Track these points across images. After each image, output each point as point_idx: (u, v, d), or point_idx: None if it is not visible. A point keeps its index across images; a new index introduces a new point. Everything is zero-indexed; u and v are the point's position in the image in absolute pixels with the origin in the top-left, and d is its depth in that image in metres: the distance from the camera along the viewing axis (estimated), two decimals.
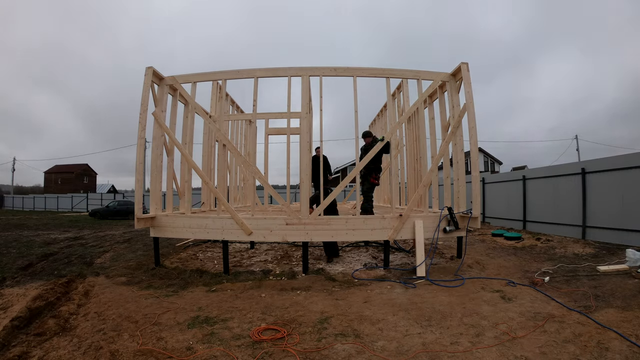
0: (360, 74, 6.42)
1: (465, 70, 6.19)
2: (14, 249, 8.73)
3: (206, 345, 3.21)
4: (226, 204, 6.27)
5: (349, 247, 8.49)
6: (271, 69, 6.49)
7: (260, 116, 7.05)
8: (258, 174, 6.85)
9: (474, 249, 8.13)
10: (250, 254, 7.91)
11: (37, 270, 6.40)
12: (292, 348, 3.12)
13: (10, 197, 43.43)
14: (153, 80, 6.45)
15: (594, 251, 7.20)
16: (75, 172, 57.69)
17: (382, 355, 2.99)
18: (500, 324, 3.58)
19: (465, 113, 6.23)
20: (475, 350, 3.03)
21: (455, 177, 6.55)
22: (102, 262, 7.16)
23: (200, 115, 7.23)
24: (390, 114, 7.32)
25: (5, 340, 3.31)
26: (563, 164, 10.64)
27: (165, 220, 6.47)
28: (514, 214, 11.84)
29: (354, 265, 6.59)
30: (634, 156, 7.65)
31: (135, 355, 3.04)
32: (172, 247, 8.75)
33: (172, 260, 7.20)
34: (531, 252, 7.65)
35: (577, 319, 3.65)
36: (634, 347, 2.95)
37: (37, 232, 13.13)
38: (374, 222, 6.18)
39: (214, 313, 4.05)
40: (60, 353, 3.08)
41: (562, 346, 3.05)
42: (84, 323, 3.79)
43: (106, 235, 12.03)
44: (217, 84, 7.76)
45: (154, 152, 6.57)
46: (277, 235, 6.11)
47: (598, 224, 8.38)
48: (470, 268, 6.13)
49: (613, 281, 4.93)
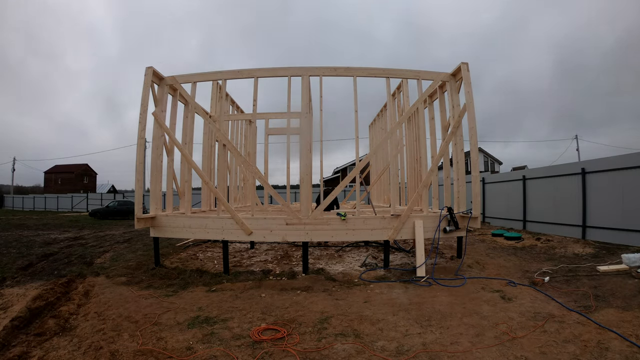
0: (360, 74, 6.42)
1: (465, 70, 6.19)
2: (14, 249, 8.73)
3: (206, 345, 3.20)
4: (226, 204, 6.27)
5: (349, 247, 8.49)
6: (271, 69, 6.49)
7: (260, 116, 7.05)
8: (258, 174, 6.86)
9: (474, 249, 8.13)
10: (250, 254, 7.91)
11: (37, 270, 6.39)
12: (292, 348, 3.12)
13: (10, 197, 43.42)
14: (153, 80, 6.45)
15: (594, 251, 7.20)
16: (75, 172, 57.65)
17: (382, 355, 2.99)
18: (501, 324, 3.58)
19: (465, 113, 6.24)
20: (475, 350, 3.03)
21: (455, 177, 6.55)
22: (102, 262, 7.16)
23: (200, 115, 7.23)
24: (391, 114, 7.32)
25: (5, 340, 3.31)
26: (563, 164, 10.64)
27: (165, 220, 6.47)
28: (514, 214, 11.84)
29: (354, 265, 6.59)
30: (634, 156, 7.65)
31: (135, 355, 3.04)
32: (172, 247, 8.74)
33: (172, 260, 7.20)
34: (531, 252, 7.65)
35: (577, 319, 3.65)
36: (634, 347, 2.95)
37: (37, 232, 13.13)
38: (374, 222, 6.18)
39: (214, 313, 4.05)
40: (60, 353, 3.08)
41: (562, 346, 3.05)
42: (84, 323, 3.79)
43: (106, 235, 12.03)
44: (217, 84, 7.76)
45: (154, 152, 6.57)
46: (277, 235, 6.11)
47: (598, 224, 8.38)
48: (470, 268, 6.13)
49: (613, 281, 4.93)
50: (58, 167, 58.31)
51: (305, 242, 6.13)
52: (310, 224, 6.07)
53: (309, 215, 6.11)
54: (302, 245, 6.21)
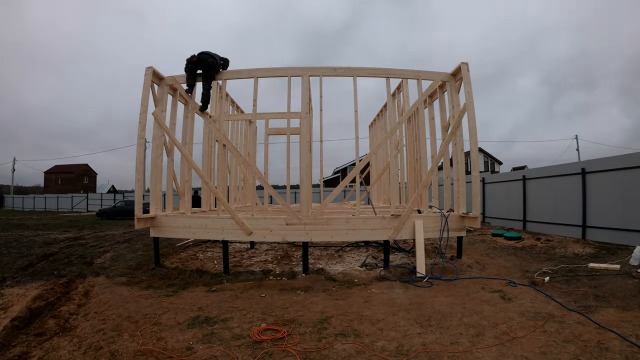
0: (360, 74, 6.42)
1: (465, 71, 6.19)
2: (14, 249, 8.74)
3: (206, 345, 3.21)
4: (226, 204, 6.26)
5: (349, 247, 8.49)
6: (271, 69, 6.49)
7: (260, 116, 7.06)
8: (258, 174, 6.86)
9: (474, 249, 8.13)
10: (250, 254, 7.91)
11: (37, 270, 6.40)
12: (292, 348, 3.12)
13: (10, 197, 43.42)
14: (153, 80, 6.45)
15: (594, 251, 7.20)
16: (75, 172, 57.68)
17: (382, 355, 2.99)
18: (500, 324, 3.58)
19: (465, 113, 6.23)
20: (475, 350, 3.03)
21: (455, 177, 6.55)
22: (102, 262, 7.16)
23: (200, 115, 7.23)
24: (390, 114, 7.32)
25: (6, 340, 3.31)
26: (563, 164, 10.64)
27: (166, 221, 6.47)
28: (514, 214, 11.84)
29: (354, 265, 6.59)
30: (634, 156, 7.65)
31: (135, 355, 3.04)
32: (172, 247, 8.74)
33: (172, 260, 7.20)
34: (531, 252, 7.65)
35: (577, 319, 3.65)
36: (634, 347, 2.95)
37: (37, 232, 13.13)
38: (374, 222, 6.18)
39: (214, 313, 4.06)
40: (60, 353, 3.08)
41: (562, 346, 3.05)
42: (84, 323, 3.79)
43: (106, 236, 12.03)
44: (217, 84, 7.75)
45: (154, 152, 6.57)
46: (277, 235, 6.11)
47: (598, 224, 8.38)
48: (470, 268, 6.13)
49: (613, 281, 4.93)
50: (58, 167, 58.35)
51: (305, 242, 6.13)
52: (311, 224, 6.07)
53: (309, 215, 6.11)
54: (302, 245, 6.21)
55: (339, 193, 6.79)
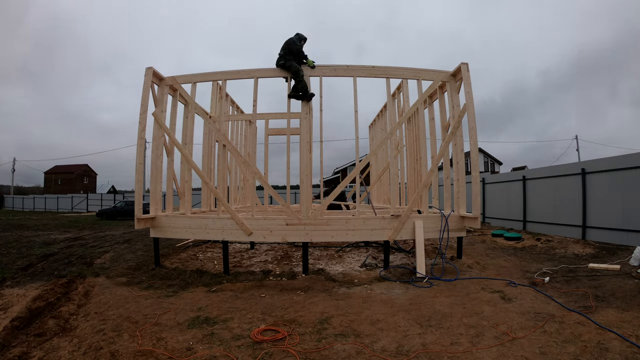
0: (360, 74, 6.42)
1: (465, 71, 6.19)
2: (14, 250, 8.74)
3: (206, 346, 3.20)
4: (226, 205, 6.26)
5: (349, 248, 8.49)
6: (271, 69, 6.49)
7: (260, 116, 7.05)
8: (258, 174, 6.86)
9: (474, 249, 8.13)
10: (250, 255, 7.91)
11: (37, 271, 6.40)
12: (292, 348, 3.12)
13: (10, 198, 43.42)
14: (153, 81, 6.45)
15: (594, 251, 7.20)
16: (75, 173, 57.70)
17: (382, 355, 2.99)
18: (501, 324, 3.58)
19: (465, 113, 6.23)
20: (475, 350, 3.03)
21: (455, 178, 6.55)
22: (102, 263, 7.16)
23: (200, 115, 7.23)
24: (390, 114, 7.32)
25: (6, 340, 3.31)
26: (563, 164, 10.64)
27: (166, 221, 6.47)
28: (514, 214, 11.84)
29: (354, 265, 6.59)
30: (634, 156, 7.65)
31: (136, 355, 3.04)
32: (172, 247, 8.75)
33: (172, 260, 7.20)
34: (531, 252, 7.65)
35: (577, 319, 3.64)
36: (634, 348, 2.95)
37: (37, 233, 13.13)
38: (374, 222, 6.18)
39: (214, 313, 4.05)
40: (60, 353, 3.08)
41: (562, 346, 3.05)
42: (84, 323, 3.79)
43: (106, 236, 12.03)
44: (217, 85, 7.76)
45: (154, 153, 6.57)
46: (277, 235, 6.11)
47: (598, 224, 8.38)
48: (471, 268, 6.13)
49: (613, 281, 4.93)
50: (58, 168, 58.34)
51: (305, 243, 6.13)
52: (311, 225, 6.07)
53: (309, 215, 6.11)
54: (302, 246, 6.21)
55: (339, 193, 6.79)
